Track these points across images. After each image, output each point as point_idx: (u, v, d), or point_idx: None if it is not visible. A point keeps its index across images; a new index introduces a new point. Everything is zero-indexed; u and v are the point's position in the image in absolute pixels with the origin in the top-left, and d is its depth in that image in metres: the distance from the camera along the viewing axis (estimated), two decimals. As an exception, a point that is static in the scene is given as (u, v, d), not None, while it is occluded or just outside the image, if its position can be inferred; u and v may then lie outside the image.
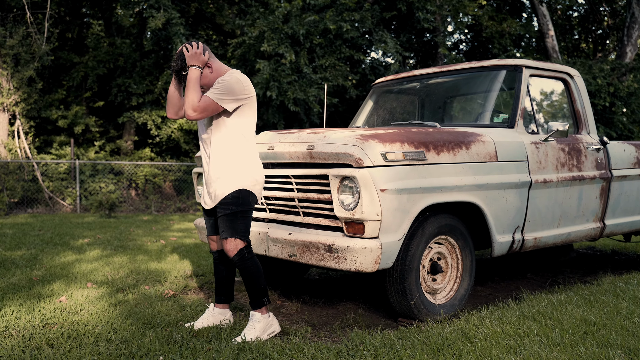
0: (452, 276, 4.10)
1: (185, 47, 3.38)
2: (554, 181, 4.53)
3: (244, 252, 3.45)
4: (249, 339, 3.33)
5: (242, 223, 3.43)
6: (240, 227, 3.43)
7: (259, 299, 3.49)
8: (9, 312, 3.84)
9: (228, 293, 3.76)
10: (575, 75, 5.08)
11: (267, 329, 3.49)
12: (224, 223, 3.43)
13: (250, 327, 3.42)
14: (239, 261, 3.44)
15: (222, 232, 3.45)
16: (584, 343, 3.18)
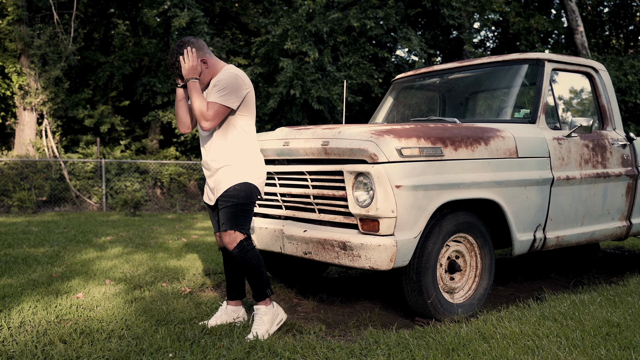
0: (470, 275, 4.01)
1: (182, 59, 3.35)
2: (577, 178, 4.41)
3: (244, 244, 3.39)
4: (262, 334, 3.30)
5: (242, 216, 3.39)
6: (240, 220, 3.38)
7: (262, 291, 3.46)
8: (26, 307, 3.86)
9: (239, 289, 3.72)
10: (601, 69, 4.94)
11: (275, 319, 3.48)
12: (225, 215, 3.39)
13: (258, 321, 3.39)
14: (239, 253, 3.38)
15: (222, 225, 3.40)
16: (605, 345, 3.07)
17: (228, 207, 3.38)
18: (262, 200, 4.37)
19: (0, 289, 4.43)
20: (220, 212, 3.43)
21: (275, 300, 4.39)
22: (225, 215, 3.39)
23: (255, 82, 14.77)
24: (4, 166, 13.15)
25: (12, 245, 6.86)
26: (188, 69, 3.34)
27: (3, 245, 6.85)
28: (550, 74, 4.54)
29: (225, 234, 3.38)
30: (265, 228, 4.10)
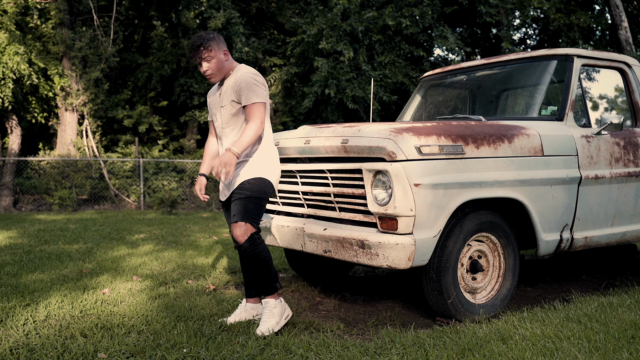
0: (493, 275, 3.94)
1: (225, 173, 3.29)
2: (606, 177, 4.28)
3: (255, 238, 3.38)
4: (272, 326, 3.34)
5: (255, 209, 3.39)
6: (252, 212, 3.38)
7: (272, 285, 3.47)
8: (53, 302, 3.96)
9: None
10: (634, 64, 4.79)
11: (284, 312, 3.48)
12: (237, 207, 3.38)
13: (268, 314, 3.41)
14: (250, 247, 3.36)
15: (233, 216, 3.38)
16: (628, 348, 2.98)
17: (242, 199, 3.39)
18: (282, 199, 4.38)
19: (31, 283, 4.56)
20: (232, 203, 3.43)
21: (298, 299, 4.40)
22: (238, 206, 3.38)
23: (290, 82, 14.84)
24: (46, 165, 13.53)
25: (49, 242, 7.05)
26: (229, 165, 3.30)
27: (40, 241, 7.05)
28: (579, 70, 4.43)
29: (237, 226, 3.36)
30: (287, 226, 4.11)
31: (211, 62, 3.44)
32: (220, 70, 3.48)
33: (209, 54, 3.42)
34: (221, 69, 3.48)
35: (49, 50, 13.93)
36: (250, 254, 3.39)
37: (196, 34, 3.49)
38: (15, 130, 13.70)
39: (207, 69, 3.46)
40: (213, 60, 3.43)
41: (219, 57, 3.44)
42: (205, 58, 3.42)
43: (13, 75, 12.34)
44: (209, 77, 3.51)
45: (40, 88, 13.43)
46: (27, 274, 4.94)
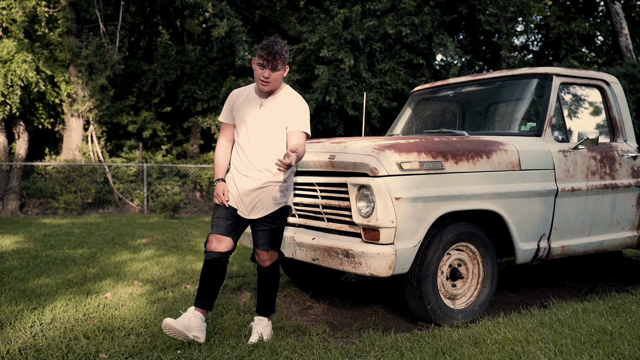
0: (472, 282, 4.18)
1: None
2: (583, 189, 4.51)
3: (277, 263, 3.65)
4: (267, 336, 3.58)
5: (281, 236, 3.61)
6: (279, 240, 3.60)
7: (273, 307, 3.71)
8: (58, 305, 4.22)
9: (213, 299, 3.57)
10: (612, 82, 5.02)
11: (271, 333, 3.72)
12: (269, 236, 3.52)
13: (266, 327, 3.64)
14: (273, 271, 3.61)
15: (263, 244, 3.51)
16: (591, 352, 3.21)
17: (273, 229, 3.52)
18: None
19: (38, 287, 4.82)
20: (262, 231, 3.51)
21: (289, 303, 4.64)
22: (269, 236, 3.52)
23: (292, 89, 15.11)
24: (52, 170, 13.83)
25: (54, 246, 7.32)
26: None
27: (45, 246, 7.31)
28: (558, 88, 4.66)
29: (267, 253, 3.55)
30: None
31: (276, 73, 3.37)
32: (276, 84, 3.43)
33: (280, 65, 3.37)
34: (277, 84, 3.44)
35: (56, 58, 14.24)
36: (271, 277, 3.62)
37: (275, 39, 3.38)
38: (23, 135, 14.00)
39: (269, 77, 3.37)
40: (278, 73, 3.38)
41: (282, 73, 3.41)
42: (276, 66, 3.35)
43: (21, 82, 12.64)
44: (263, 84, 3.39)
45: (47, 95, 13.74)
46: (34, 279, 5.20)
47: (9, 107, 12.92)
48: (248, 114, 3.52)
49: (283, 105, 3.50)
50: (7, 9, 12.71)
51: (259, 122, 3.49)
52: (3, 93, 12.51)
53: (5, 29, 13.20)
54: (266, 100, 3.52)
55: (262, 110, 3.50)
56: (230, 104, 3.62)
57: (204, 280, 3.51)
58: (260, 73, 3.39)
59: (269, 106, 3.50)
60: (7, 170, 13.64)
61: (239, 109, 3.57)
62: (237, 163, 3.56)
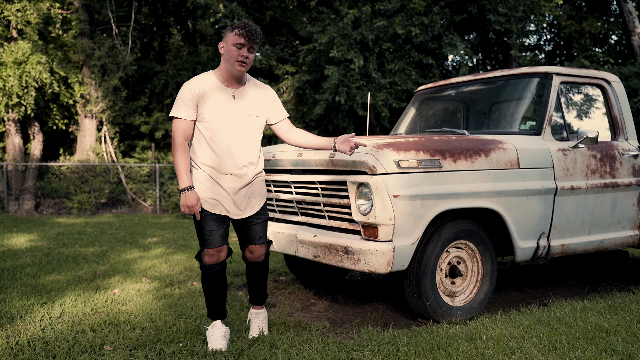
0: (472, 280, 4.24)
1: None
2: (582, 188, 4.56)
3: (269, 252, 3.74)
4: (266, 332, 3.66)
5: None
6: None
7: (266, 295, 3.78)
8: (67, 300, 4.34)
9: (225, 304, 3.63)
10: (613, 81, 5.05)
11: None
12: (262, 229, 3.53)
13: (265, 320, 3.73)
14: (266, 261, 3.67)
15: (260, 238, 3.52)
16: (584, 348, 3.26)
17: (264, 222, 3.55)
18: (279, 207, 4.72)
19: (49, 283, 4.95)
20: (256, 225, 3.49)
21: (292, 300, 4.73)
22: (263, 229, 3.54)
23: (302, 89, 15.20)
24: (66, 170, 14.04)
25: (67, 245, 7.47)
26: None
27: (58, 244, 7.46)
28: (558, 87, 4.70)
29: (263, 246, 3.57)
30: (282, 232, 4.44)
31: (252, 54, 3.26)
32: (249, 67, 3.29)
33: (256, 46, 3.27)
34: (249, 67, 3.30)
35: (70, 59, 14.45)
36: (266, 267, 3.67)
37: (252, 22, 3.27)
38: (37, 136, 14.23)
39: (247, 58, 3.24)
40: (253, 56, 3.28)
41: (254, 57, 3.31)
42: (254, 48, 3.26)
43: (35, 83, 12.85)
44: (241, 65, 3.23)
45: (61, 96, 13.96)
46: (45, 275, 5.34)
47: (24, 108, 13.15)
48: (224, 105, 3.30)
49: (258, 94, 3.41)
50: (21, 11, 12.93)
51: (242, 114, 3.33)
52: (18, 94, 12.73)
53: (20, 31, 13.42)
54: (236, 90, 3.35)
55: (240, 101, 3.34)
56: (195, 97, 3.25)
57: (213, 293, 3.46)
58: (238, 53, 3.21)
59: (243, 95, 3.36)
60: (22, 171, 13.87)
61: (208, 101, 3.27)
62: (212, 162, 3.30)
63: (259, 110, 3.40)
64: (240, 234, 3.54)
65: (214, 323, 3.44)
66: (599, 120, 5.07)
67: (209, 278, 3.43)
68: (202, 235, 3.37)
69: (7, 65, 12.58)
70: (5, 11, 12.84)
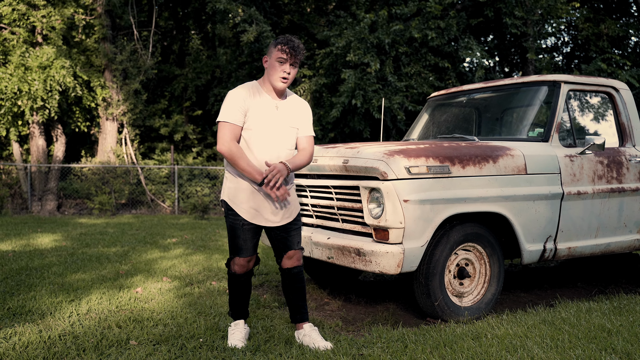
0: (479, 281, 4.40)
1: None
2: (589, 193, 4.69)
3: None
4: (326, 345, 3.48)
5: None
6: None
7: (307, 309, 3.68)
8: (93, 298, 4.57)
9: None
10: (622, 88, 5.18)
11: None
12: (298, 236, 3.59)
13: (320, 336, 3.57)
14: (302, 267, 3.65)
15: (297, 243, 3.57)
16: (584, 347, 3.40)
17: (299, 228, 3.60)
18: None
19: (75, 282, 5.19)
20: (294, 231, 3.56)
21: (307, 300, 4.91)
22: (299, 234, 3.59)
23: (319, 92, 15.41)
24: (87, 171, 14.38)
25: (90, 245, 7.73)
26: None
27: (82, 244, 7.73)
28: (566, 95, 4.84)
29: (299, 252, 3.59)
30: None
31: (295, 70, 3.39)
32: (290, 82, 3.42)
33: (299, 61, 3.41)
34: (290, 82, 3.44)
35: (92, 64, 14.80)
36: (302, 273, 3.65)
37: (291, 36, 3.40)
38: (60, 138, 14.59)
39: (290, 73, 3.38)
40: (295, 71, 3.40)
41: (296, 72, 3.43)
42: (296, 63, 3.39)
43: (59, 87, 13.20)
44: (283, 81, 3.37)
45: (83, 99, 14.31)
46: (71, 274, 5.58)
47: (47, 111, 13.50)
48: (268, 116, 3.42)
49: (297, 107, 3.54)
50: (47, 17, 13.29)
51: (285, 125, 3.46)
52: (43, 98, 13.08)
53: (45, 36, 13.79)
54: (279, 101, 3.48)
55: (283, 113, 3.46)
56: (243, 105, 3.37)
57: (238, 296, 3.60)
58: (281, 69, 3.34)
59: (285, 107, 3.49)
60: (45, 172, 14.23)
61: (253, 110, 3.39)
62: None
63: (298, 123, 3.52)
64: (277, 241, 3.57)
65: (236, 322, 3.61)
66: (607, 127, 5.20)
67: (236, 284, 3.59)
68: (236, 244, 3.47)
69: (32, 69, 12.94)
70: (31, 17, 13.20)
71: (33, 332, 3.62)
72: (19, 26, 13.27)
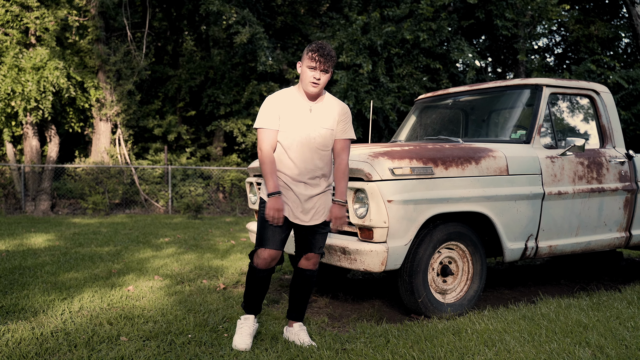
0: (462, 279, 4.52)
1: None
2: (569, 193, 4.82)
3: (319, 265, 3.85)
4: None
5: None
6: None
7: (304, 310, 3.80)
8: (85, 296, 4.67)
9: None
10: (602, 91, 5.31)
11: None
12: (323, 239, 3.64)
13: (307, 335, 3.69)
14: (317, 272, 3.73)
15: (319, 247, 3.63)
16: (560, 340, 3.53)
17: (325, 234, 3.63)
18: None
19: (68, 281, 5.28)
20: (320, 234, 3.60)
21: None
22: (324, 239, 3.64)
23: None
24: (81, 172, 14.46)
25: (83, 244, 7.82)
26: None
27: (75, 244, 7.82)
28: (547, 98, 4.97)
29: (317, 257, 3.66)
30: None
31: (326, 76, 3.45)
32: (323, 86, 3.49)
33: (330, 67, 3.47)
34: (324, 86, 3.51)
35: (86, 65, 14.86)
36: (315, 277, 3.72)
37: (324, 43, 3.47)
38: (54, 139, 14.65)
39: (321, 79, 3.44)
40: (327, 76, 3.45)
41: (329, 77, 3.49)
42: (327, 70, 3.44)
43: (53, 88, 13.27)
44: (314, 85, 3.44)
45: (77, 100, 14.38)
46: (64, 273, 5.68)
47: (41, 112, 13.56)
48: (302, 118, 3.51)
49: (333, 108, 3.58)
50: (40, 19, 13.35)
51: (317, 126, 3.51)
52: (36, 99, 13.14)
53: (38, 38, 13.85)
54: (313, 104, 3.55)
55: (316, 115, 3.53)
56: (277, 109, 3.49)
57: (255, 291, 3.63)
58: (311, 75, 3.42)
59: (320, 110, 3.55)
60: (39, 172, 14.29)
61: (288, 113, 3.50)
62: (289, 170, 3.49)
63: (332, 124, 3.56)
64: (301, 240, 3.64)
65: (247, 316, 3.65)
66: (588, 129, 5.33)
67: (255, 279, 3.60)
68: (264, 234, 3.50)
69: (26, 70, 13.01)
70: (25, 19, 13.26)
71: (26, 329, 3.73)
72: (12, 27, 13.33)
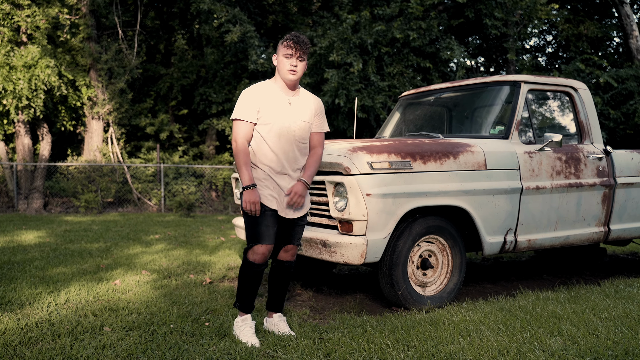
0: (442, 272, 4.61)
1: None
2: (547, 187, 4.92)
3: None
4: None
5: None
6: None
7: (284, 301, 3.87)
8: (72, 290, 4.74)
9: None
10: (580, 88, 5.41)
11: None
12: (302, 231, 3.73)
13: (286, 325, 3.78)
14: (294, 263, 3.81)
15: (298, 239, 3.70)
16: (534, 331, 3.62)
17: (303, 226, 3.72)
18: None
19: (55, 275, 5.36)
20: (298, 227, 3.68)
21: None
22: (302, 231, 3.72)
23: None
24: (74, 170, 14.50)
25: (73, 241, 7.89)
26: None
27: (65, 240, 7.89)
28: (525, 94, 5.07)
29: (295, 248, 3.74)
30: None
31: (302, 64, 3.50)
32: (300, 75, 3.55)
33: (305, 55, 3.51)
34: (301, 75, 3.56)
35: (78, 63, 14.91)
36: (292, 268, 3.79)
37: (300, 34, 3.55)
38: (46, 137, 14.69)
39: (298, 66, 3.50)
40: (303, 63, 3.50)
41: (305, 65, 3.53)
42: (303, 57, 3.49)
43: (44, 86, 13.31)
44: (292, 74, 3.50)
45: (69, 98, 14.42)
46: (53, 268, 5.75)
47: (33, 111, 13.60)
48: (282, 111, 3.54)
49: (309, 102, 3.66)
50: (31, 17, 13.39)
51: (297, 119, 3.56)
52: (28, 97, 13.19)
53: (29, 36, 13.89)
54: (291, 97, 3.61)
55: (295, 107, 3.58)
56: (256, 101, 3.51)
57: (250, 288, 3.61)
58: (288, 62, 3.48)
59: (298, 103, 3.61)
60: (31, 171, 14.33)
61: (268, 106, 3.52)
62: (271, 162, 3.52)
63: (310, 117, 3.63)
64: (281, 233, 3.65)
65: (245, 317, 3.62)
66: (567, 125, 5.43)
67: (251, 275, 3.58)
68: (257, 230, 3.50)
69: (17, 68, 13.05)
70: (16, 17, 13.30)
71: (11, 320, 3.80)
72: (3, 25, 13.36)
